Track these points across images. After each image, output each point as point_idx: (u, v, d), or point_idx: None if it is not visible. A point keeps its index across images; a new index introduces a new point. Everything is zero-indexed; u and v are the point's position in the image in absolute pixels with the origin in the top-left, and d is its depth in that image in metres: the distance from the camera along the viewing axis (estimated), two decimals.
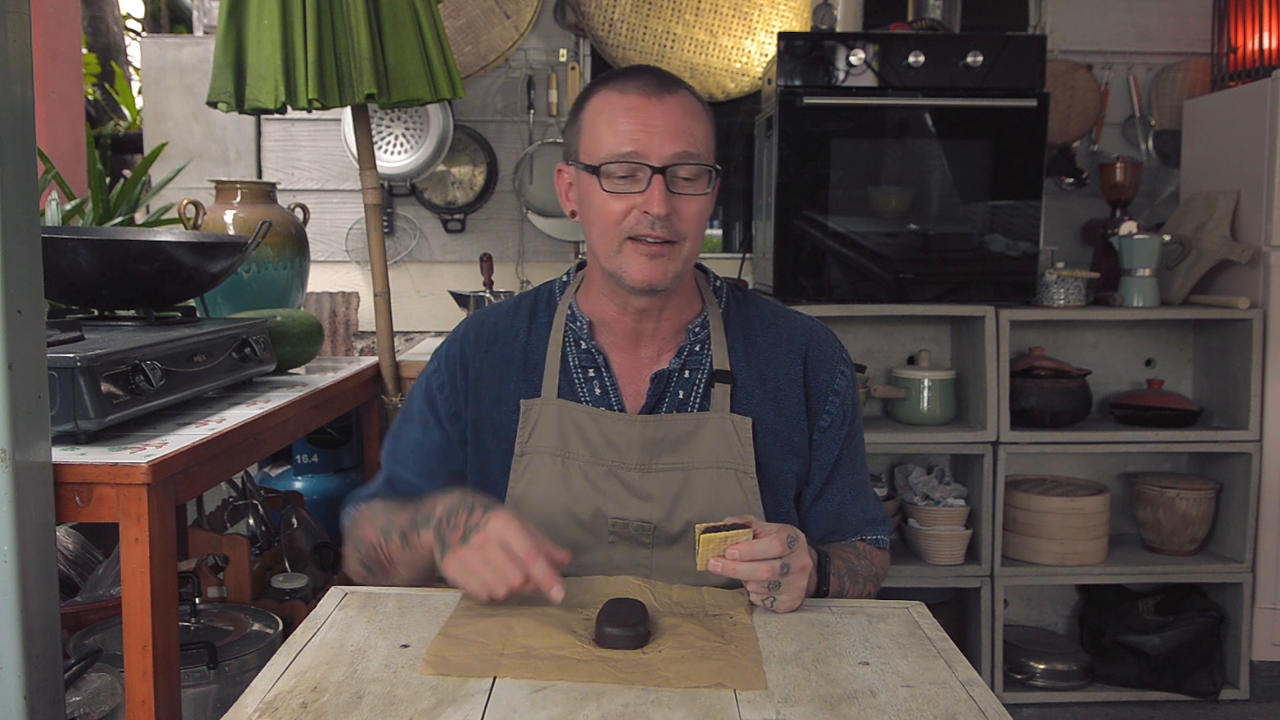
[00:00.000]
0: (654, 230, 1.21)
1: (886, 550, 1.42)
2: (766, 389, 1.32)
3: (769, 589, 1.13)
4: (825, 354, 1.37)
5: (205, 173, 3.05)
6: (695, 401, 1.31)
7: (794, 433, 1.33)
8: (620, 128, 1.22)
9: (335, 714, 0.89)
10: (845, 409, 1.36)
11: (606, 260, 1.26)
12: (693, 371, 1.32)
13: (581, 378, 1.32)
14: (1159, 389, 2.95)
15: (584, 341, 1.32)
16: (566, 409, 1.29)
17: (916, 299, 2.77)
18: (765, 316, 1.38)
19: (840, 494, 1.37)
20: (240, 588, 2.00)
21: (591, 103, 1.27)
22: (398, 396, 2.48)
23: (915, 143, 2.73)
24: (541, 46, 3.24)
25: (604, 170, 1.23)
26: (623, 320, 1.32)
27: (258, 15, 2.18)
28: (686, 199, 1.23)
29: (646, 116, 1.22)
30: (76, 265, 1.68)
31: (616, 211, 1.23)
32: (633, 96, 1.24)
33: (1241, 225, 2.88)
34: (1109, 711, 2.83)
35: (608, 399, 1.31)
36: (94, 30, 5.09)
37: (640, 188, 1.22)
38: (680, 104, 1.24)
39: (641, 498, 1.26)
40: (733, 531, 1.13)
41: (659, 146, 1.21)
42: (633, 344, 1.33)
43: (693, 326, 1.33)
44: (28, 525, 1.22)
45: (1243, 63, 3.17)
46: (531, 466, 1.28)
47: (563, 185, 1.34)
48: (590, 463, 1.27)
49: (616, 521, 1.26)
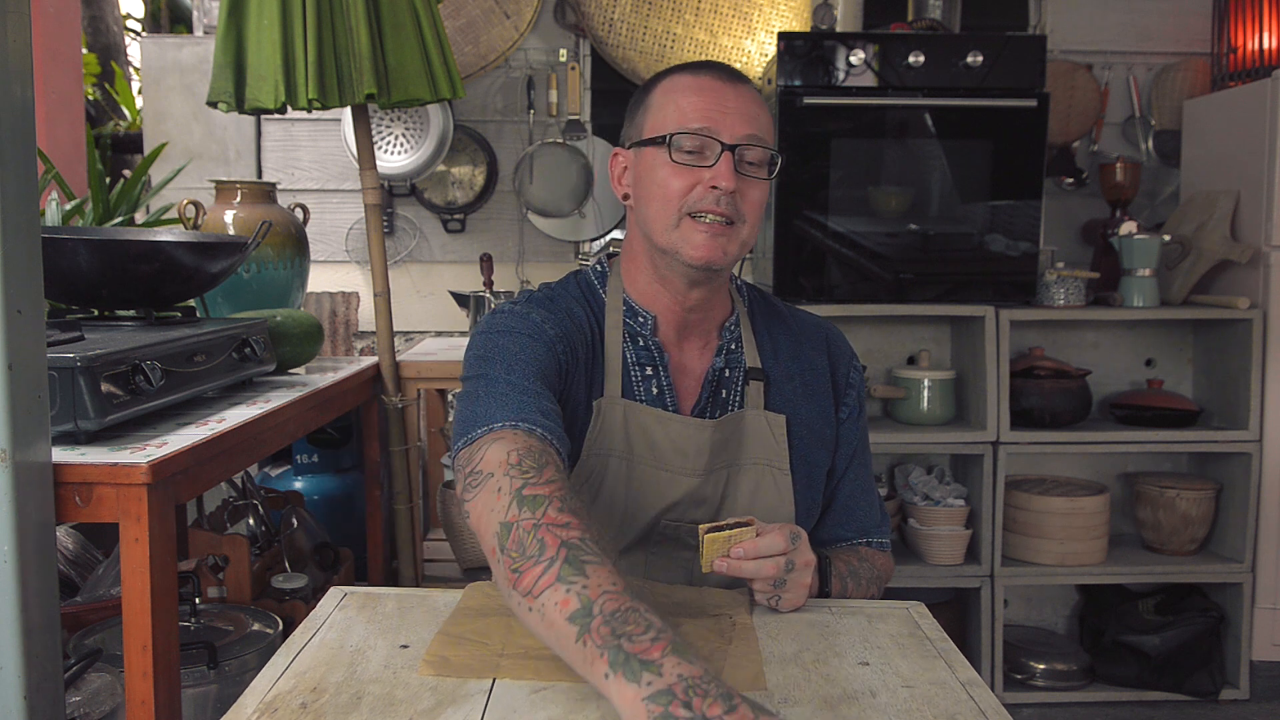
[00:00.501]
0: (719, 206, 1.21)
1: (889, 553, 1.43)
2: (796, 384, 1.34)
3: (774, 587, 1.13)
4: (842, 349, 1.41)
5: (205, 173, 3.05)
6: (737, 401, 1.32)
7: (825, 425, 1.35)
8: (694, 104, 1.23)
9: (335, 714, 0.89)
10: (860, 402, 1.40)
11: (662, 235, 1.24)
12: (733, 370, 1.32)
13: (639, 375, 1.29)
14: (1159, 389, 2.94)
15: (643, 338, 1.30)
16: (632, 410, 1.26)
17: (916, 299, 2.77)
18: (783, 314, 1.41)
19: (852, 487, 1.39)
20: (240, 588, 2.00)
21: (661, 85, 1.28)
22: (398, 396, 2.48)
23: (915, 143, 2.73)
24: (541, 46, 3.24)
25: (675, 141, 1.22)
26: (675, 312, 1.30)
27: (258, 15, 2.18)
28: (751, 182, 1.24)
29: (720, 97, 1.23)
30: (76, 265, 1.68)
31: (679, 186, 1.22)
32: (706, 79, 1.25)
33: (1241, 225, 2.88)
34: (1109, 711, 2.83)
35: (664, 399, 1.29)
36: (94, 30, 5.09)
37: (708, 163, 1.21)
38: (751, 93, 1.26)
39: (696, 500, 1.26)
40: (736, 530, 1.13)
41: (731, 125, 1.22)
42: (679, 338, 1.32)
43: (728, 325, 1.34)
44: (28, 525, 1.22)
45: (1243, 63, 3.17)
46: (598, 470, 1.24)
47: (617, 169, 1.32)
48: (653, 466, 1.25)
49: (668, 524, 1.26)
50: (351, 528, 2.74)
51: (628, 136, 1.31)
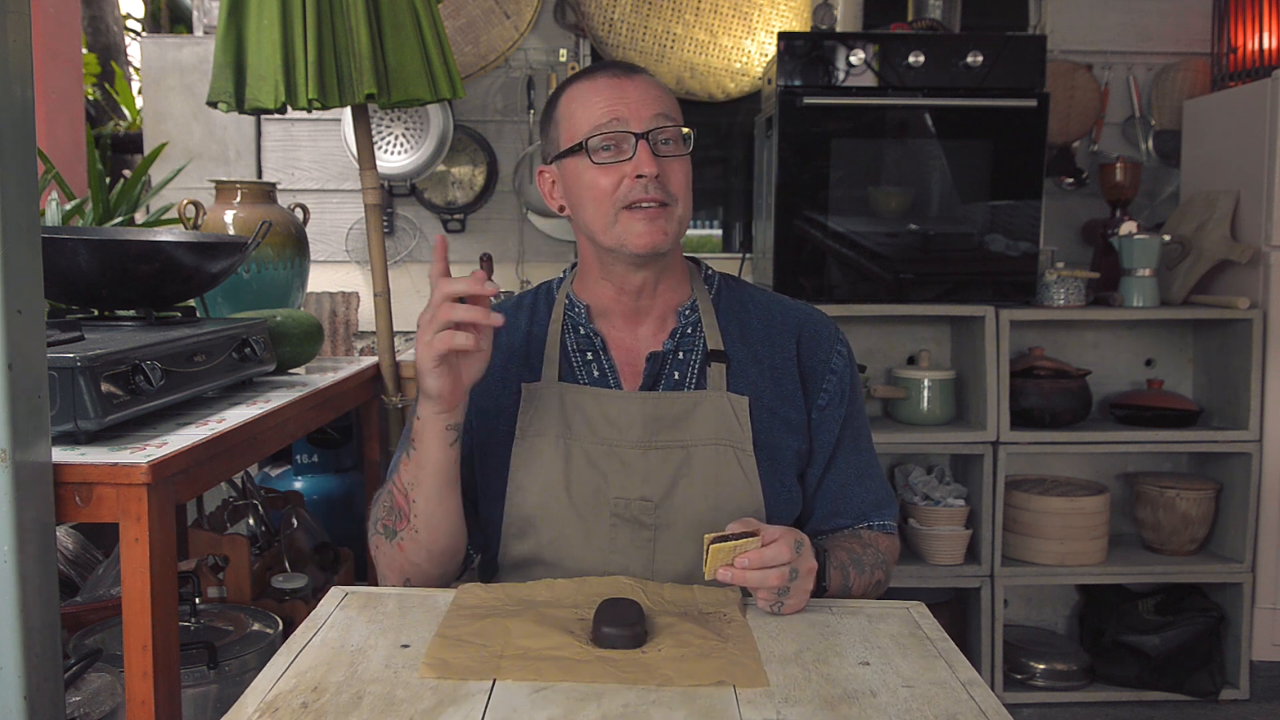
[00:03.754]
0: (648, 193, 1.25)
1: (894, 535, 1.42)
2: (763, 368, 1.35)
3: (778, 594, 1.13)
4: (820, 334, 1.39)
5: (205, 173, 3.05)
6: (691, 382, 1.33)
7: (791, 410, 1.35)
8: (597, 104, 1.28)
9: (335, 714, 0.89)
10: (844, 387, 1.38)
11: (604, 235, 1.29)
12: (686, 353, 1.34)
13: (580, 361, 1.35)
14: (1159, 389, 2.95)
15: (582, 326, 1.35)
16: (567, 390, 1.32)
17: (916, 299, 2.77)
18: (759, 300, 1.41)
19: (843, 474, 1.38)
20: (240, 588, 2.00)
21: (564, 96, 1.33)
22: (397, 396, 2.48)
23: (915, 143, 2.73)
24: (541, 46, 3.24)
25: (589, 145, 1.27)
26: (621, 300, 1.35)
27: (258, 15, 2.18)
28: (672, 161, 1.28)
29: (620, 91, 1.28)
30: (76, 265, 1.68)
31: (608, 184, 1.27)
32: (602, 79, 1.30)
33: (1241, 225, 2.88)
34: (1109, 711, 2.83)
35: (606, 381, 1.33)
36: (94, 30, 5.09)
37: (627, 156, 1.26)
38: (648, 80, 1.31)
39: (642, 476, 1.28)
40: (741, 540, 1.12)
41: (638, 113, 1.26)
42: (630, 324, 1.36)
43: (683, 310, 1.36)
44: (28, 525, 1.22)
45: (1243, 63, 3.17)
46: (533, 449, 1.30)
47: (545, 186, 1.38)
48: (591, 442, 1.29)
49: (618, 500, 1.27)
50: (351, 528, 2.74)
51: (547, 153, 1.36)
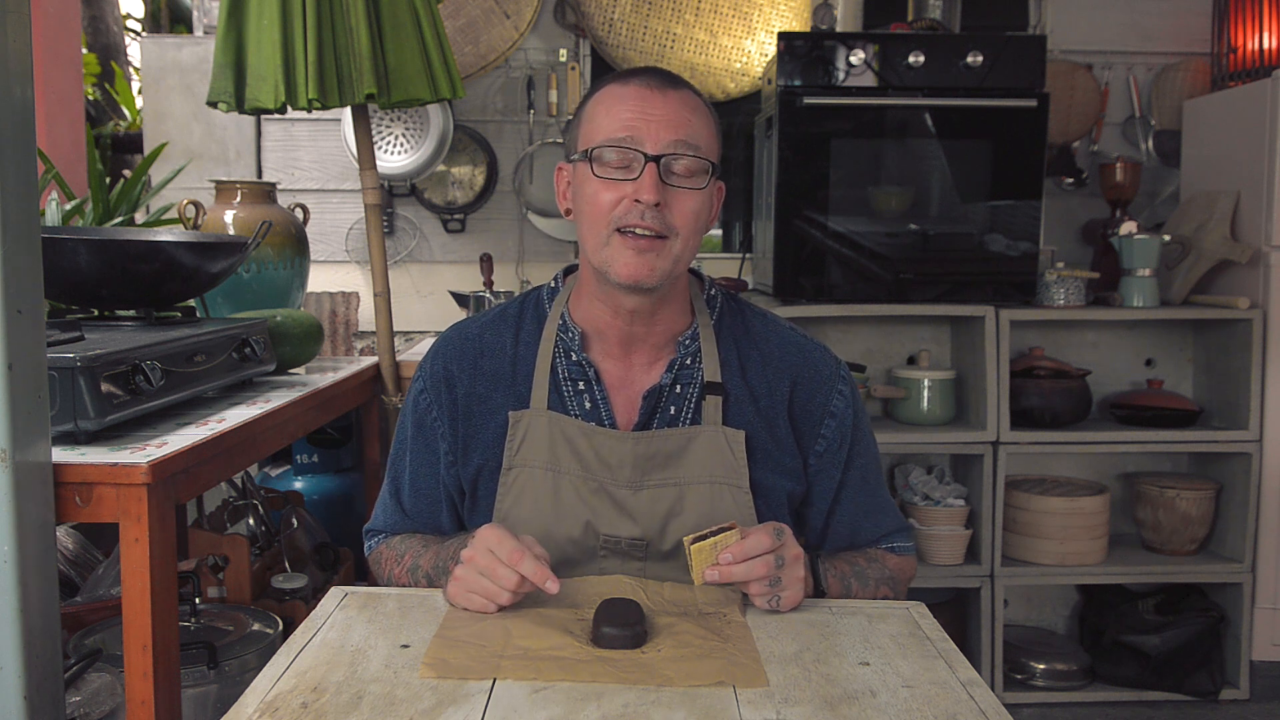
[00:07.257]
0: (644, 221, 1.17)
1: (906, 555, 1.38)
2: (759, 406, 1.28)
3: (770, 586, 1.13)
4: (818, 378, 1.31)
5: (205, 173, 3.05)
6: (687, 417, 1.27)
7: (785, 455, 1.29)
8: (618, 114, 1.19)
9: (335, 714, 0.89)
10: (844, 430, 1.31)
11: (594, 253, 1.21)
12: (684, 386, 1.28)
13: (571, 390, 1.27)
14: (1159, 389, 2.94)
15: (574, 353, 1.27)
16: (557, 421, 1.25)
17: (916, 299, 2.77)
18: (759, 331, 1.33)
19: (851, 514, 1.34)
20: (240, 588, 2.00)
21: (595, 95, 1.25)
22: (397, 396, 2.48)
23: (915, 143, 2.73)
24: (541, 46, 3.24)
25: (596, 155, 1.19)
26: (615, 324, 1.26)
27: (258, 15, 2.18)
28: (681, 193, 1.19)
29: (646, 105, 1.19)
30: (76, 265, 1.68)
31: (607, 201, 1.18)
32: (634, 87, 1.21)
33: (1241, 225, 2.88)
34: (1109, 711, 2.83)
35: (598, 413, 1.26)
36: (94, 30, 5.09)
37: (633, 176, 1.18)
38: (682, 98, 1.21)
39: (633, 516, 1.23)
40: (720, 536, 1.12)
41: (655, 134, 1.18)
42: (624, 352, 1.28)
43: (683, 340, 1.29)
44: (28, 525, 1.22)
45: (1243, 63, 3.17)
46: (520, 480, 1.25)
47: (561, 184, 1.30)
48: (581, 478, 1.23)
49: (608, 539, 1.23)
50: (351, 528, 2.74)
51: (567, 150, 1.29)
